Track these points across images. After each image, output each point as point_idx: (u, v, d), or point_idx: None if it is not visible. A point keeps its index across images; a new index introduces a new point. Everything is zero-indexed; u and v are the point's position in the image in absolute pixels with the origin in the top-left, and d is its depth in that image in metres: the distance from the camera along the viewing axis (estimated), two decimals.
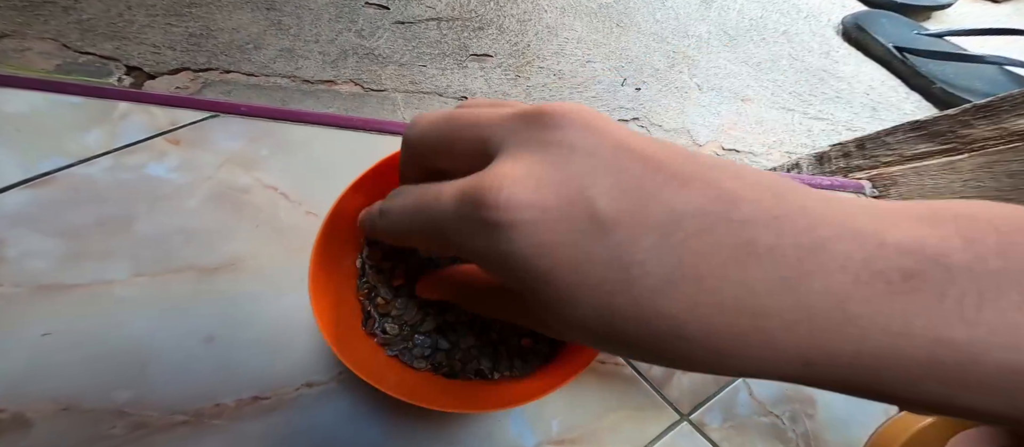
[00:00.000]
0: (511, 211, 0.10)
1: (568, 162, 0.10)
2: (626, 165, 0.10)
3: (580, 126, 0.10)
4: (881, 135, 0.34)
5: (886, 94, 0.65)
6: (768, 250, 0.09)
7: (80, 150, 0.25)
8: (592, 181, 0.10)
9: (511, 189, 0.10)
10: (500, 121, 0.12)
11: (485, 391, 0.19)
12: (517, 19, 0.61)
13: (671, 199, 0.09)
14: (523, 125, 0.11)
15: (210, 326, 0.23)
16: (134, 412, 0.21)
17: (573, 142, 0.10)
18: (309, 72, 0.51)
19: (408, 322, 0.20)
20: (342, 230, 0.20)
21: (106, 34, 0.47)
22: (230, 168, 0.26)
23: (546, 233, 0.10)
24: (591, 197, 0.10)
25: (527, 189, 0.10)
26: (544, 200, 0.10)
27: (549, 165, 0.10)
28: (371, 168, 0.20)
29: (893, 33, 0.66)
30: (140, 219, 0.24)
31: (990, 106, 0.27)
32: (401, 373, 0.19)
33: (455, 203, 0.11)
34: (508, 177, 0.10)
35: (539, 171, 0.10)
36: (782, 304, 0.09)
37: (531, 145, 0.11)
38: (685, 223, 0.09)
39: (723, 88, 0.62)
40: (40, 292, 0.22)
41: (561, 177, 0.10)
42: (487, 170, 0.11)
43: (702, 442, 0.26)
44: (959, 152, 0.28)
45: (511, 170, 0.10)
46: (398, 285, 0.21)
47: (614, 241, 0.09)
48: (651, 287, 0.09)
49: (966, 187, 0.27)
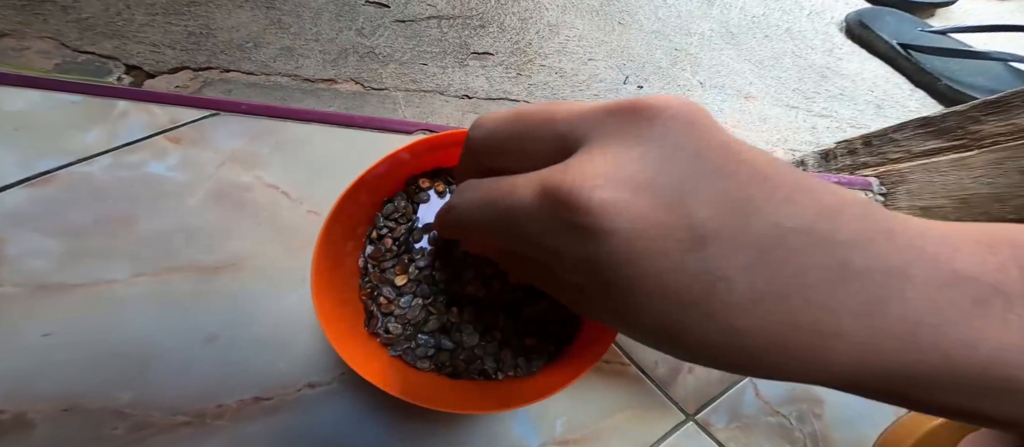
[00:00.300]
0: (603, 217, 0.09)
1: (670, 163, 0.09)
2: (733, 171, 0.09)
3: (684, 122, 0.09)
4: (888, 132, 0.34)
5: (891, 91, 0.65)
6: (859, 274, 0.09)
7: (80, 149, 0.25)
8: (695, 187, 0.09)
9: (603, 191, 0.09)
10: (583, 114, 0.11)
11: (489, 391, 0.19)
12: (518, 17, 0.60)
13: (776, 213, 0.09)
14: (613, 118, 0.10)
15: (211, 326, 0.23)
16: (136, 412, 0.21)
17: (677, 140, 0.09)
18: (309, 71, 0.51)
19: (411, 322, 0.20)
20: (344, 229, 0.20)
21: (105, 33, 0.46)
22: (231, 167, 0.26)
23: (638, 242, 0.09)
24: (693, 207, 0.09)
25: (622, 192, 0.09)
26: (640, 208, 0.09)
27: (647, 164, 0.09)
28: (373, 166, 0.20)
29: (897, 30, 0.65)
30: (140, 218, 0.24)
31: (1000, 102, 0.27)
32: (404, 373, 0.19)
33: (535, 198, 0.10)
34: (599, 175, 0.09)
35: (634, 171, 0.09)
36: (857, 326, 0.09)
37: (624, 139, 0.10)
38: (789, 240, 0.09)
39: (726, 86, 0.61)
40: (41, 292, 0.22)
41: (662, 181, 0.09)
42: (572, 162, 0.10)
43: (708, 442, 0.26)
44: (969, 148, 0.27)
45: (602, 166, 0.09)
46: (401, 284, 0.20)
47: (708, 254, 0.09)
48: (731, 303, 0.09)
49: (977, 183, 0.26)
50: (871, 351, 0.09)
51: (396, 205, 0.21)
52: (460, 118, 0.51)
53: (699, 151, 0.09)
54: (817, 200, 0.09)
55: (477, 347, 0.20)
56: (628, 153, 0.09)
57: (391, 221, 0.21)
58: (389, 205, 0.21)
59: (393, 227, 0.21)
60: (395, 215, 0.21)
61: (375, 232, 0.21)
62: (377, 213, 0.21)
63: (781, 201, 0.09)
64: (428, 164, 0.22)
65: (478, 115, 0.54)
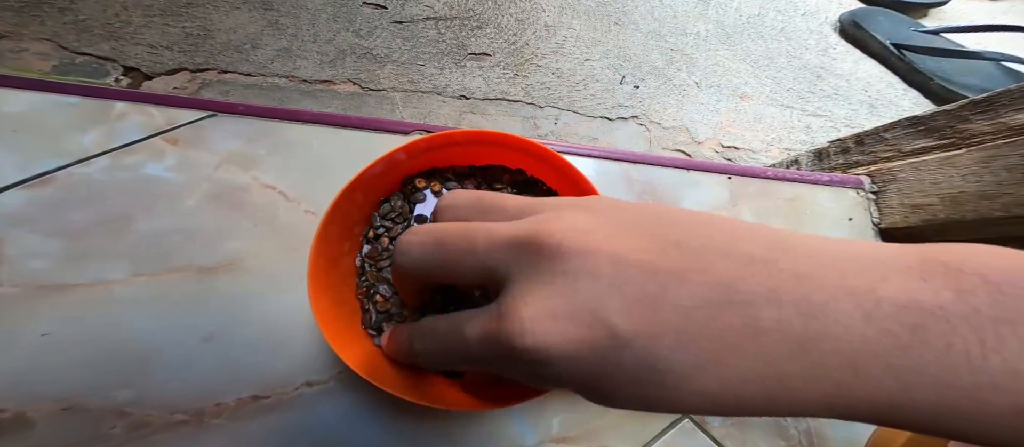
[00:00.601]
0: (539, 351, 0.11)
1: (575, 290, 0.11)
2: (628, 277, 0.11)
3: (577, 252, 0.11)
4: (879, 131, 0.34)
5: (884, 91, 0.65)
6: (774, 323, 0.10)
7: (78, 150, 0.25)
8: (602, 304, 0.11)
9: (533, 330, 0.11)
10: (497, 248, 0.12)
11: (486, 389, 0.19)
12: (515, 18, 0.61)
13: (676, 297, 0.10)
14: (523, 255, 0.12)
15: (210, 325, 0.23)
16: (135, 411, 0.21)
17: (575, 269, 0.11)
18: (307, 72, 0.51)
19: (408, 319, 0.20)
20: (340, 229, 0.20)
21: (102, 34, 0.46)
22: (228, 167, 0.26)
23: (576, 359, 0.11)
24: (606, 318, 0.11)
25: (547, 326, 0.11)
26: (565, 332, 0.11)
27: (560, 297, 0.11)
28: (369, 166, 0.20)
29: (890, 30, 0.66)
30: (138, 219, 0.24)
31: (988, 101, 0.27)
32: (401, 371, 0.19)
33: (484, 346, 0.12)
34: (527, 318, 0.11)
35: (552, 305, 0.11)
36: (800, 365, 0.10)
37: (537, 278, 0.11)
38: (694, 316, 0.10)
39: (721, 85, 0.62)
40: (39, 292, 0.22)
41: (574, 307, 0.11)
42: (503, 311, 0.12)
43: (704, 439, 0.26)
44: (957, 147, 0.28)
45: (526, 310, 0.11)
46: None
47: (637, 350, 0.10)
48: (680, 376, 0.10)
49: (965, 181, 0.27)
50: (828, 385, 0.10)
51: (393, 205, 0.21)
52: (458, 118, 0.51)
53: (595, 271, 0.11)
54: (708, 272, 0.10)
55: None
56: (542, 291, 0.11)
57: (388, 221, 0.21)
58: (386, 205, 0.22)
59: (390, 227, 0.21)
60: (392, 215, 0.21)
61: (372, 232, 0.21)
62: (374, 213, 0.22)
63: (676, 286, 0.10)
64: (424, 164, 0.22)
65: (476, 115, 0.54)
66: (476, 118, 0.53)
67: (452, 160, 0.22)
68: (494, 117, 0.54)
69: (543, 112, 0.55)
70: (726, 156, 0.55)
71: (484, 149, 0.22)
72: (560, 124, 0.54)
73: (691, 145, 0.55)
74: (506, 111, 0.54)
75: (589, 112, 0.56)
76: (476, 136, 0.21)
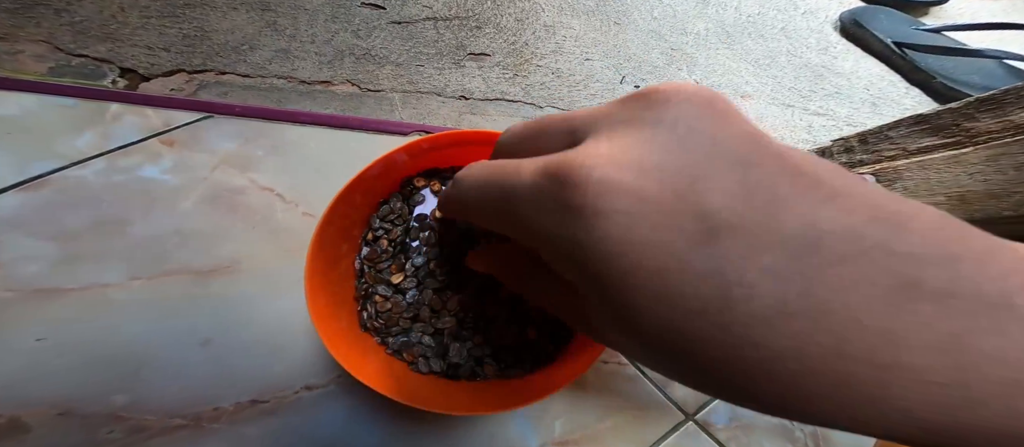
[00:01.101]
0: (601, 196, 0.08)
1: (683, 145, 0.08)
2: (758, 160, 0.08)
3: (700, 104, 0.08)
4: (883, 129, 0.34)
5: (886, 89, 0.65)
6: (936, 295, 0.07)
7: (73, 152, 0.25)
8: (710, 172, 0.08)
9: (604, 170, 0.08)
10: (598, 109, 0.10)
11: (487, 392, 0.19)
12: (515, 17, 0.60)
13: (812, 212, 0.07)
14: (626, 106, 0.09)
15: (207, 329, 0.23)
16: (132, 416, 0.21)
17: (691, 123, 0.08)
18: (305, 73, 0.51)
19: (407, 318, 0.20)
20: (338, 231, 0.20)
21: (99, 36, 0.46)
22: (225, 169, 0.26)
23: (638, 228, 0.08)
24: (705, 195, 0.08)
25: (626, 172, 0.08)
26: (643, 188, 0.08)
27: (657, 147, 0.08)
28: (367, 167, 0.19)
29: (891, 28, 0.66)
30: (134, 221, 0.24)
31: (994, 99, 0.27)
32: (402, 374, 0.19)
33: (535, 177, 0.09)
34: (603, 156, 0.08)
35: (643, 153, 0.08)
36: (932, 362, 0.07)
37: (634, 124, 0.09)
38: (826, 244, 0.07)
39: (722, 85, 0.61)
40: (35, 296, 0.22)
41: (672, 162, 0.08)
42: (578, 147, 0.09)
43: (708, 442, 0.25)
44: (964, 145, 0.27)
45: (606, 148, 0.08)
46: (398, 283, 0.20)
47: (722, 251, 0.07)
48: (754, 314, 0.07)
49: (973, 180, 0.26)
50: (953, 397, 0.07)
51: (392, 206, 0.21)
52: (457, 119, 0.51)
53: (717, 136, 0.08)
54: (871, 203, 0.07)
55: (474, 348, 0.20)
56: (636, 136, 0.08)
57: (387, 223, 0.21)
58: (385, 206, 0.21)
59: (389, 228, 0.21)
60: (391, 217, 0.21)
61: (371, 234, 0.21)
62: (372, 214, 0.21)
63: (820, 200, 0.07)
64: (424, 165, 0.22)
65: (475, 116, 0.54)
66: (476, 118, 0.53)
67: (453, 160, 0.22)
68: (494, 117, 0.54)
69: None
70: None
71: (486, 149, 0.22)
72: None
73: None
74: (506, 111, 0.54)
75: None
76: (477, 136, 0.21)
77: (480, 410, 0.18)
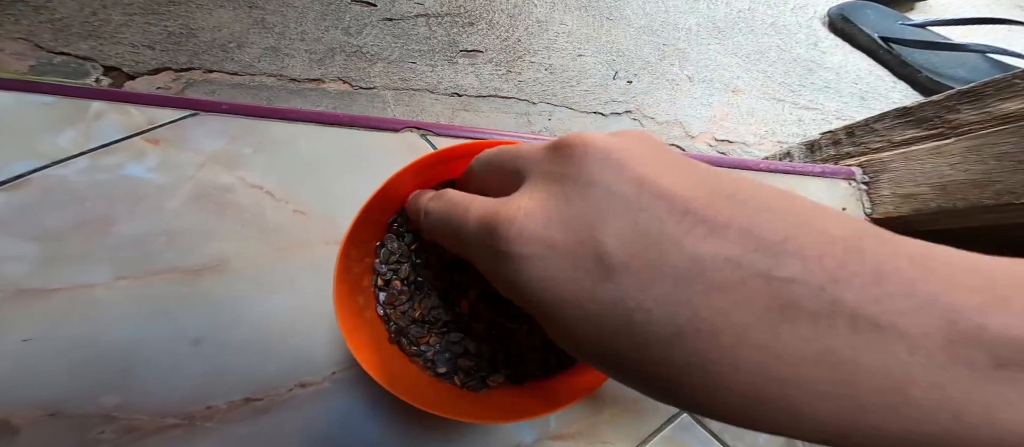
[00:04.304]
0: (518, 244, 0.10)
1: (582, 198, 0.10)
2: (646, 204, 0.09)
3: (599, 159, 0.10)
4: (869, 122, 0.34)
5: (874, 83, 0.66)
6: (811, 316, 0.08)
7: (54, 151, 0.24)
8: (604, 220, 0.09)
9: (523, 223, 0.10)
10: (532, 151, 0.12)
11: (502, 401, 0.19)
12: (507, 14, 0.60)
13: (694, 247, 0.08)
14: (549, 156, 0.11)
15: (197, 328, 0.22)
16: (123, 416, 0.20)
17: (591, 176, 0.10)
18: (296, 71, 0.50)
19: (439, 343, 0.20)
20: (351, 286, 0.19)
21: (81, 33, 0.45)
22: (212, 167, 0.25)
23: (550, 269, 0.10)
24: (599, 238, 0.09)
25: (536, 223, 0.10)
26: (550, 237, 0.10)
27: (563, 200, 0.10)
28: (386, 183, 0.18)
29: (878, 23, 0.67)
30: (120, 221, 0.23)
31: (974, 91, 0.28)
32: (430, 383, 0.19)
33: (475, 225, 0.11)
34: (522, 210, 0.10)
35: (552, 206, 0.10)
36: (816, 375, 0.08)
37: (549, 178, 0.11)
38: (708, 275, 0.08)
39: (714, 80, 0.62)
40: (18, 297, 0.21)
41: (572, 214, 0.10)
42: (508, 199, 0.11)
43: (702, 434, 0.26)
44: (946, 137, 0.28)
45: (526, 202, 0.10)
46: (419, 317, 0.20)
47: (619, 285, 0.09)
48: (656, 335, 0.08)
49: (955, 170, 0.27)
50: (847, 407, 0.07)
51: (389, 248, 0.20)
52: (450, 116, 0.51)
53: (611, 186, 0.10)
54: (755, 236, 0.08)
55: (493, 354, 0.20)
56: (551, 189, 0.10)
57: (392, 265, 0.20)
58: (383, 250, 0.20)
59: (397, 268, 0.20)
60: (392, 259, 0.20)
61: (379, 279, 0.20)
62: (375, 261, 0.21)
63: (702, 235, 0.08)
64: (438, 178, 0.20)
65: (468, 112, 0.54)
66: (469, 115, 0.53)
67: (456, 173, 0.21)
68: (487, 114, 0.53)
69: (536, 108, 0.55)
70: (720, 150, 0.56)
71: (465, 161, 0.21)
72: (554, 120, 0.53)
73: (685, 139, 0.55)
74: (499, 108, 0.54)
75: (583, 107, 0.55)
76: (477, 147, 0.20)
77: (498, 420, 0.18)
